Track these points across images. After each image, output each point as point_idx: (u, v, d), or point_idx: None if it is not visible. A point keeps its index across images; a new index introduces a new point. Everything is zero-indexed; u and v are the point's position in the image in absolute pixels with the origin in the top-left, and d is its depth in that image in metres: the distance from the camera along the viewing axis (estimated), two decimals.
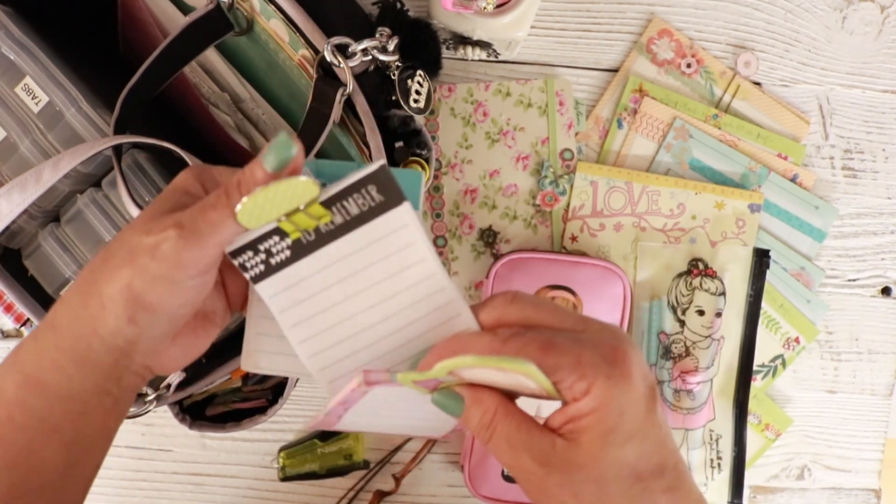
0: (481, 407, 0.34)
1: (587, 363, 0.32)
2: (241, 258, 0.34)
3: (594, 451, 0.32)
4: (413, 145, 0.52)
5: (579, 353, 0.32)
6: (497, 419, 0.34)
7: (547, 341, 0.32)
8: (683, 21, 0.66)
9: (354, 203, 0.32)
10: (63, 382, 0.34)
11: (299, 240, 0.34)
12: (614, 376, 0.32)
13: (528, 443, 0.33)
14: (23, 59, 0.48)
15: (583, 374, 0.31)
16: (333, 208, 0.32)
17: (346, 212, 0.33)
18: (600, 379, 0.32)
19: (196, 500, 0.68)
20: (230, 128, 0.53)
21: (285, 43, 0.48)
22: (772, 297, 0.67)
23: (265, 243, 0.34)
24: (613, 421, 0.32)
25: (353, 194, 0.32)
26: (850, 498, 0.70)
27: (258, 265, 0.34)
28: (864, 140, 0.68)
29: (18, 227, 0.51)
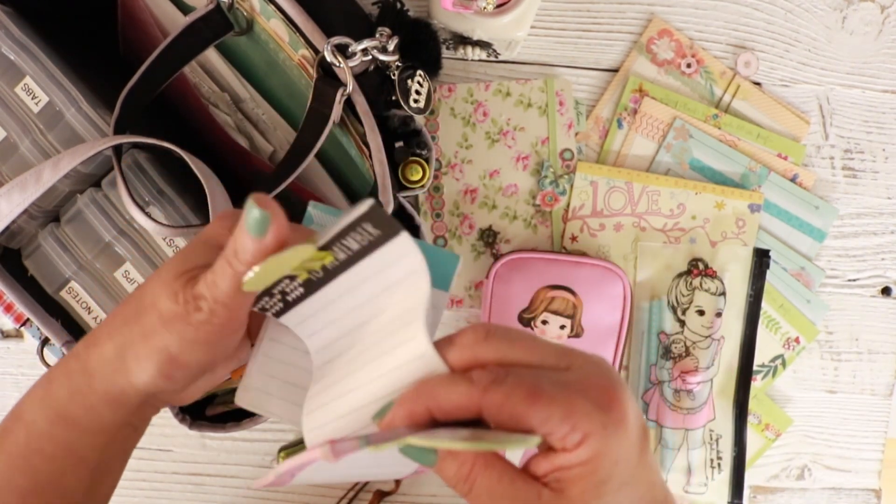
0: (457, 459, 0.31)
1: (580, 413, 0.29)
2: (261, 304, 0.35)
3: (585, 503, 0.30)
4: (413, 145, 0.52)
5: (570, 400, 0.29)
6: (476, 471, 0.31)
7: (532, 389, 0.29)
8: (683, 21, 0.66)
9: (354, 240, 0.32)
10: (94, 420, 0.35)
11: (309, 279, 0.34)
12: (610, 425, 0.29)
13: (511, 495, 0.30)
14: (23, 59, 0.48)
15: (575, 424, 0.29)
16: (334, 248, 0.32)
17: (348, 248, 0.32)
18: (595, 429, 0.29)
19: (196, 500, 0.67)
20: (230, 128, 0.53)
21: (285, 43, 0.48)
22: (772, 297, 0.67)
23: (278, 287, 0.34)
24: (608, 471, 0.29)
25: (351, 233, 0.31)
26: (850, 498, 0.70)
27: (277, 304, 0.35)
28: (864, 140, 0.68)
29: (18, 227, 0.51)
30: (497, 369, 0.30)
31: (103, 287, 0.51)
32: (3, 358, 0.66)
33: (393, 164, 0.51)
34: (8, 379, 0.67)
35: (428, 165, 0.52)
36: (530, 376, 0.30)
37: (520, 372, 0.30)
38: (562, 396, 0.29)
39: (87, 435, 0.35)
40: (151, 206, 0.50)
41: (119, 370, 0.34)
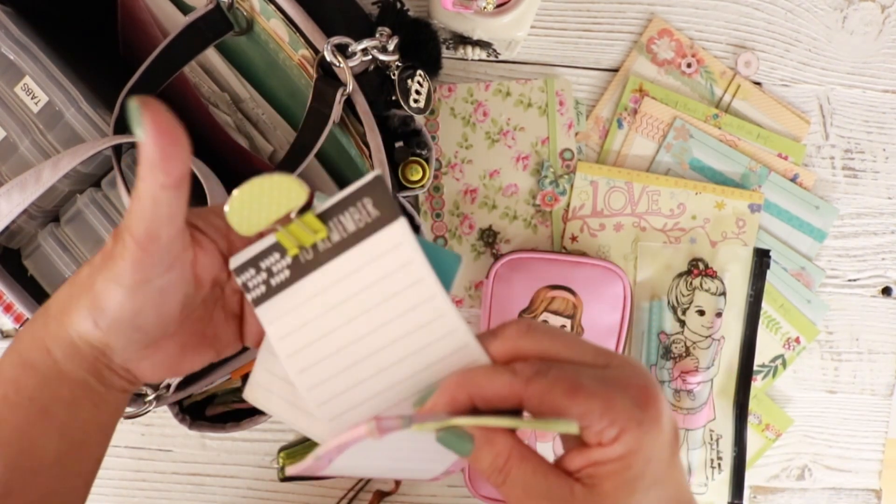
0: (494, 449, 0.31)
1: (618, 408, 0.30)
2: (245, 276, 0.34)
3: (618, 499, 0.30)
4: (413, 145, 0.52)
5: (609, 396, 0.30)
6: (511, 463, 0.31)
7: (574, 383, 0.30)
8: (684, 21, 0.66)
9: (350, 218, 0.31)
10: (51, 365, 0.34)
11: (298, 258, 0.33)
12: (646, 422, 0.30)
13: (545, 490, 0.31)
14: (22, 59, 0.48)
15: (613, 419, 0.29)
16: (330, 223, 0.32)
17: (343, 228, 0.32)
18: (632, 425, 0.30)
19: (196, 500, 0.67)
20: (230, 128, 0.53)
21: (285, 43, 0.48)
22: (772, 297, 0.67)
23: (266, 260, 0.33)
24: (640, 468, 0.30)
25: (349, 208, 0.31)
26: (850, 498, 0.70)
27: (260, 285, 0.34)
28: (864, 140, 0.68)
29: (18, 227, 0.51)
30: (540, 362, 0.31)
31: None
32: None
33: (393, 164, 0.51)
34: None
35: (428, 165, 0.52)
36: (572, 371, 0.31)
37: (562, 366, 0.31)
38: (602, 392, 0.30)
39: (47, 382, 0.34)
40: None
41: (66, 313, 0.33)
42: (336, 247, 0.32)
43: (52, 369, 0.34)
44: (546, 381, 0.30)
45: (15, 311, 0.61)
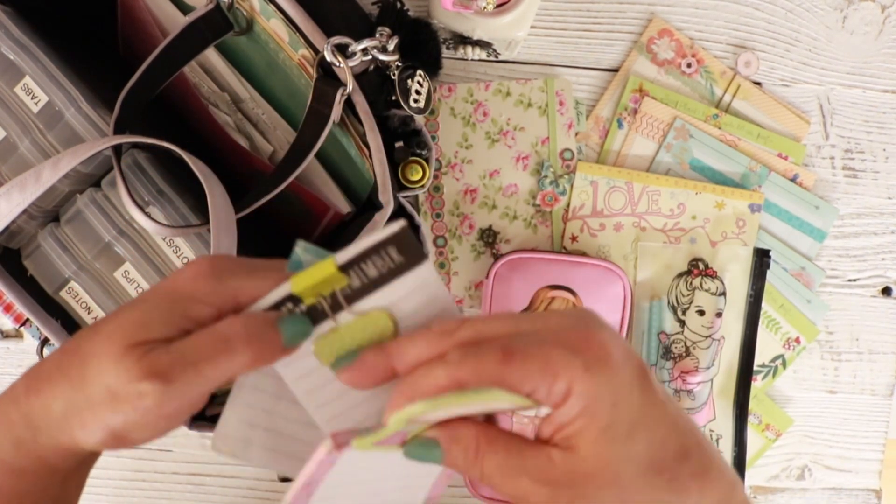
0: (460, 445, 0.30)
1: (557, 362, 0.28)
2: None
3: (598, 454, 0.28)
4: (413, 145, 0.52)
5: (546, 353, 0.28)
6: (482, 450, 0.30)
7: (506, 349, 0.28)
8: (684, 21, 0.66)
9: (373, 265, 0.31)
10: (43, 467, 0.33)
11: (315, 306, 0.31)
12: (592, 367, 0.28)
13: (522, 466, 0.29)
14: (22, 59, 0.48)
15: (556, 375, 0.28)
16: (351, 272, 0.31)
17: (365, 275, 0.31)
18: (577, 374, 0.28)
19: (196, 500, 0.67)
20: (230, 128, 0.53)
21: (285, 43, 0.48)
22: (772, 297, 0.67)
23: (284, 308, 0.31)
24: (607, 416, 0.28)
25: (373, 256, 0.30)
26: (850, 498, 0.70)
27: None
28: (864, 140, 0.68)
29: (18, 227, 0.51)
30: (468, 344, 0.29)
31: (103, 287, 0.51)
32: (2, 358, 0.66)
33: (393, 164, 0.51)
34: (8, 379, 0.66)
35: (428, 165, 0.52)
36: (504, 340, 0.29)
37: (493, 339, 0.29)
38: (536, 350, 0.28)
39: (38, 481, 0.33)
40: (151, 206, 0.50)
41: (64, 431, 0.31)
42: (356, 293, 0.31)
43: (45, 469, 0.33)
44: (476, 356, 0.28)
45: (15, 311, 0.61)
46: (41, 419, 0.32)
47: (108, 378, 0.30)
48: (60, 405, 0.31)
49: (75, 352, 0.31)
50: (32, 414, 0.32)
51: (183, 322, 0.30)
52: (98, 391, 0.30)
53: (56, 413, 0.31)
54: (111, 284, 0.51)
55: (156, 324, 0.30)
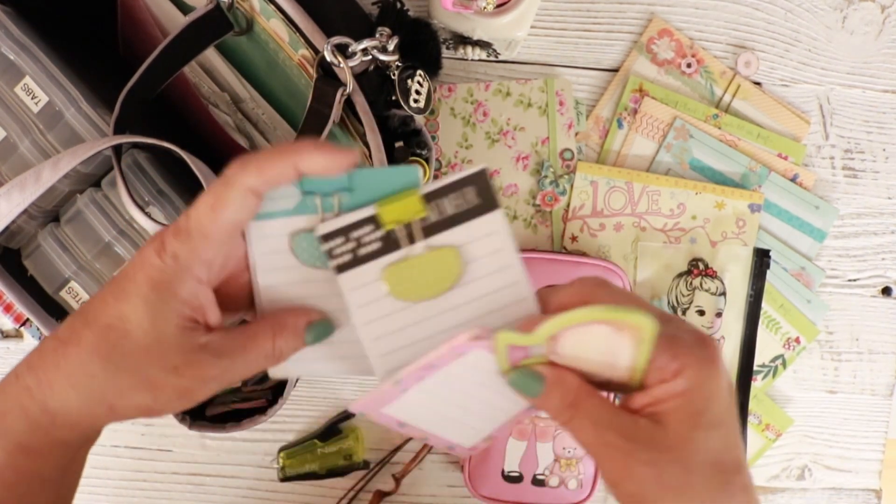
0: (563, 387, 0.33)
1: (681, 344, 0.32)
2: (331, 244, 0.34)
3: (682, 432, 0.31)
4: (413, 145, 0.52)
5: (672, 333, 0.32)
6: (581, 398, 0.33)
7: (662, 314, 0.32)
8: (683, 21, 0.66)
9: (450, 203, 0.33)
10: (57, 447, 0.35)
11: (392, 232, 0.33)
12: (705, 360, 0.32)
13: (613, 421, 0.32)
14: (23, 59, 0.48)
15: (676, 353, 0.31)
16: (431, 204, 0.33)
17: (441, 210, 0.33)
18: (693, 360, 0.31)
19: (196, 500, 0.67)
20: (230, 128, 0.53)
21: (285, 43, 0.48)
22: (772, 297, 0.67)
23: (358, 231, 0.33)
24: (703, 404, 0.31)
25: (452, 193, 0.33)
26: (850, 498, 0.70)
27: (346, 254, 0.34)
28: (864, 140, 0.68)
29: (18, 227, 0.51)
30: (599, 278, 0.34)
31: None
32: (2, 358, 0.66)
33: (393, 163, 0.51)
34: None
35: (428, 165, 0.52)
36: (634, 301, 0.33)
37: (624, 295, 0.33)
38: (667, 329, 0.31)
39: (50, 459, 0.35)
40: (151, 206, 0.50)
41: (87, 415, 0.33)
42: (431, 227, 0.33)
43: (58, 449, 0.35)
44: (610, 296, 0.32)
45: (15, 311, 0.61)
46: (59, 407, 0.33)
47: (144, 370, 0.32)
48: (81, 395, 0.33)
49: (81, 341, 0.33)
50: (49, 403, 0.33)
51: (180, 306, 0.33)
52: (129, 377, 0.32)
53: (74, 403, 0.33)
54: None
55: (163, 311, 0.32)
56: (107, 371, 0.32)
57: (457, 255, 0.34)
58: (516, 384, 0.33)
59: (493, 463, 0.64)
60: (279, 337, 0.35)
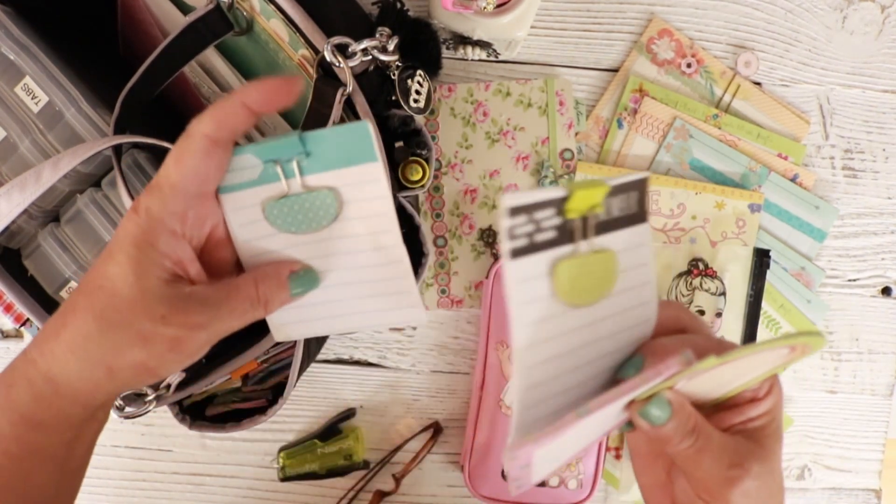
0: (685, 413, 0.34)
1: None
2: (515, 221, 0.29)
3: (769, 445, 0.35)
4: (413, 145, 0.52)
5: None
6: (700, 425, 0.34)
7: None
8: (683, 21, 0.66)
9: (618, 204, 0.31)
10: (62, 420, 0.35)
11: (570, 222, 0.30)
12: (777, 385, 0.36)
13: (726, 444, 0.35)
14: (23, 59, 0.48)
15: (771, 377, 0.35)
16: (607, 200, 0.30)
17: (609, 210, 0.31)
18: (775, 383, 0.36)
19: (196, 500, 0.67)
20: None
21: (285, 43, 0.48)
22: (772, 297, 0.67)
23: (541, 213, 0.29)
24: (779, 420, 0.36)
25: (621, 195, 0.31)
26: (850, 498, 0.70)
27: (522, 237, 0.29)
28: (864, 140, 0.68)
29: (18, 227, 0.51)
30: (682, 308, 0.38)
31: None
32: (3, 358, 0.66)
33: (393, 163, 0.51)
34: None
35: (428, 165, 0.52)
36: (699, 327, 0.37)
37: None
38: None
39: (55, 434, 0.36)
40: None
41: (88, 380, 0.34)
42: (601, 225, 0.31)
43: (63, 423, 0.36)
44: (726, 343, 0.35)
45: (15, 311, 0.61)
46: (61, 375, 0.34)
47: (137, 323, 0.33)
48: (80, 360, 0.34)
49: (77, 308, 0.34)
50: (52, 372, 0.34)
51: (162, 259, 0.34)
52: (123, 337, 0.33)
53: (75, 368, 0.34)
54: None
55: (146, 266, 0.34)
56: (101, 330, 0.33)
57: (615, 260, 0.31)
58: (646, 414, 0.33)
59: (493, 463, 0.64)
60: (262, 283, 0.36)
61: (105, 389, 0.35)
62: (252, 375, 0.62)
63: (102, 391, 0.35)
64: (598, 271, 0.31)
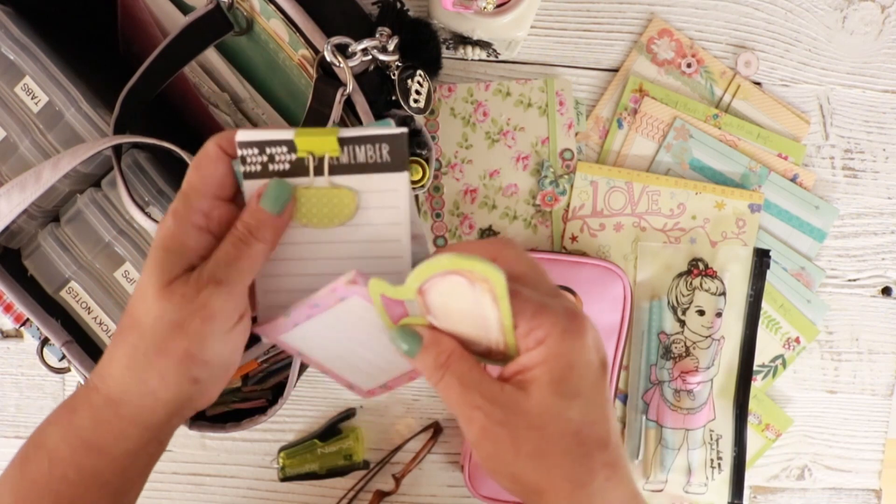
0: (437, 348, 0.35)
1: (546, 314, 0.33)
2: (246, 151, 0.36)
3: (541, 399, 0.33)
4: (413, 145, 0.52)
5: (542, 304, 0.33)
6: (452, 359, 0.34)
7: (513, 290, 0.32)
8: (683, 21, 0.66)
9: (364, 152, 0.35)
10: (121, 444, 0.36)
11: (303, 160, 0.36)
12: (569, 331, 0.33)
13: (478, 382, 0.34)
14: (23, 59, 0.48)
15: (540, 322, 0.32)
16: (346, 148, 0.35)
17: (353, 156, 0.35)
18: (556, 330, 0.32)
19: (196, 500, 0.67)
20: (230, 128, 0.53)
21: (285, 43, 0.48)
22: (772, 297, 0.67)
23: (273, 148, 0.36)
24: (562, 373, 0.33)
25: (367, 144, 0.35)
26: (850, 498, 0.70)
27: (256, 164, 0.36)
28: (864, 140, 0.68)
29: (18, 227, 0.51)
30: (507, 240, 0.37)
31: (103, 287, 0.51)
32: (3, 358, 0.66)
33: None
34: (8, 379, 0.67)
35: (428, 165, 0.52)
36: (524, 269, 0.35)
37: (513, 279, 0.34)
38: (536, 300, 0.33)
39: (114, 460, 0.36)
40: (151, 206, 0.50)
41: (144, 393, 0.35)
42: (339, 167, 0.36)
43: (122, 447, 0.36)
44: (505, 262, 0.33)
45: (15, 311, 0.61)
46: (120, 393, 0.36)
47: (168, 315, 0.34)
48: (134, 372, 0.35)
49: (126, 329, 0.36)
50: (112, 392, 0.36)
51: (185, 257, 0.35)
52: (162, 332, 0.34)
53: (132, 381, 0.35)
54: (111, 284, 0.51)
55: (168, 266, 0.35)
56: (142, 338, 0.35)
57: (354, 197, 0.36)
58: (396, 340, 0.35)
59: None
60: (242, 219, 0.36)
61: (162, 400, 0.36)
62: (252, 375, 0.62)
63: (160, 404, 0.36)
64: (332, 202, 0.36)
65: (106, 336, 0.52)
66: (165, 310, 0.34)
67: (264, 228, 0.36)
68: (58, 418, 0.37)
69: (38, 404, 0.67)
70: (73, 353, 0.50)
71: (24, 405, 0.67)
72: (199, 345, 0.35)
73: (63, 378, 0.67)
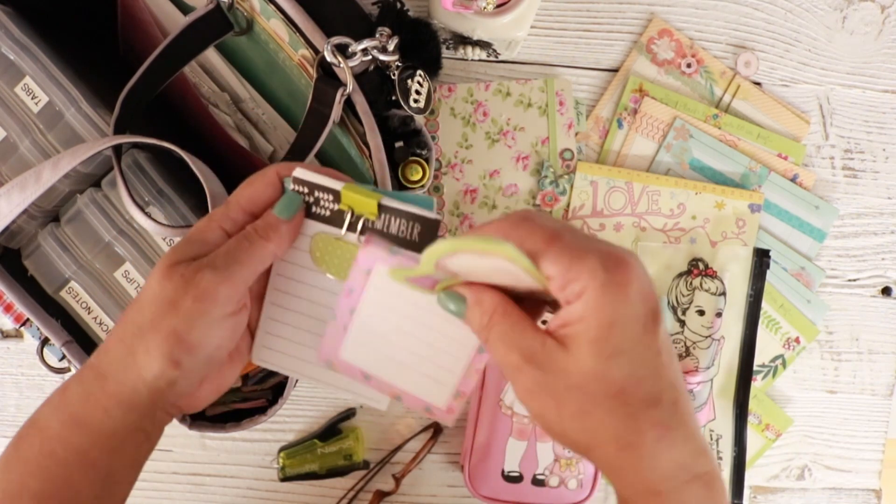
0: (481, 307, 0.34)
1: (584, 266, 0.30)
2: (298, 187, 0.38)
3: (580, 359, 0.31)
4: (413, 145, 0.52)
5: (581, 254, 0.30)
6: (495, 319, 0.33)
7: (554, 233, 0.31)
8: (683, 21, 0.66)
9: (397, 226, 0.38)
10: (106, 422, 0.36)
11: (343, 213, 0.38)
12: (609, 284, 0.30)
13: (519, 340, 0.32)
14: (23, 59, 0.48)
15: (577, 276, 0.30)
16: (383, 215, 0.38)
17: (387, 225, 0.38)
18: (593, 284, 0.30)
19: (196, 500, 0.67)
20: (230, 128, 0.53)
21: (285, 43, 0.48)
22: (772, 297, 0.67)
23: (321, 193, 0.38)
24: (601, 331, 0.30)
25: (403, 219, 0.37)
26: (850, 498, 0.70)
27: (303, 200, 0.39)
28: (864, 140, 0.68)
29: (18, 227, 0.51)
30: (529, 210, 0.35)
31: (103, 287, 0.51)
32: (3, 358, 0.66)
33: (393, 164, 0.51)
34: (8, 379, 0.67)
35: (428, 165, 0.52)
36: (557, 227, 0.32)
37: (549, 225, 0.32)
38: (576, 248, 0.31)
39: (99, 438, 0.36)
40: (151, 206, 0.50)
41: (129, 366, 0.36)
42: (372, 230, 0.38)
43: (106, 425, 0.36)
44: (531, 225, 0.32)
45: (15, 311, 0.61)
46: (108, 366, 0.36)
47: (165, 292, 0.35)
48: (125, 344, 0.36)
49: (131, 305, 0.37)
50: (101, 366, 0.37)
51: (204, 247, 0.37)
52: (155, 308, 0.35)
53: (120, 353, 0.36)
54: (111, 284, 0.51)
55: (182, 251, 0.37)
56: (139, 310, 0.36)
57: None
58: (442, 303, 0.35)
59: (493, 463, 0.64)
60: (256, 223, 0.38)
61: (143, 379, 0.36)
62: (252, 375, 0.62)
63: (142, 383, 0.36)
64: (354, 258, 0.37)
65: (106, 336, 0.52)
66: (164, 287, 0.35)
67: (270, 229, 0.37)
68: (52, 396, 0.38)
69: (38, 404, 0.67)
70: (73, 353, 0.50)
71: (24, 405, 0.67)
72: (187, 325, 0.35)
73: (63, 378, 0.67)
